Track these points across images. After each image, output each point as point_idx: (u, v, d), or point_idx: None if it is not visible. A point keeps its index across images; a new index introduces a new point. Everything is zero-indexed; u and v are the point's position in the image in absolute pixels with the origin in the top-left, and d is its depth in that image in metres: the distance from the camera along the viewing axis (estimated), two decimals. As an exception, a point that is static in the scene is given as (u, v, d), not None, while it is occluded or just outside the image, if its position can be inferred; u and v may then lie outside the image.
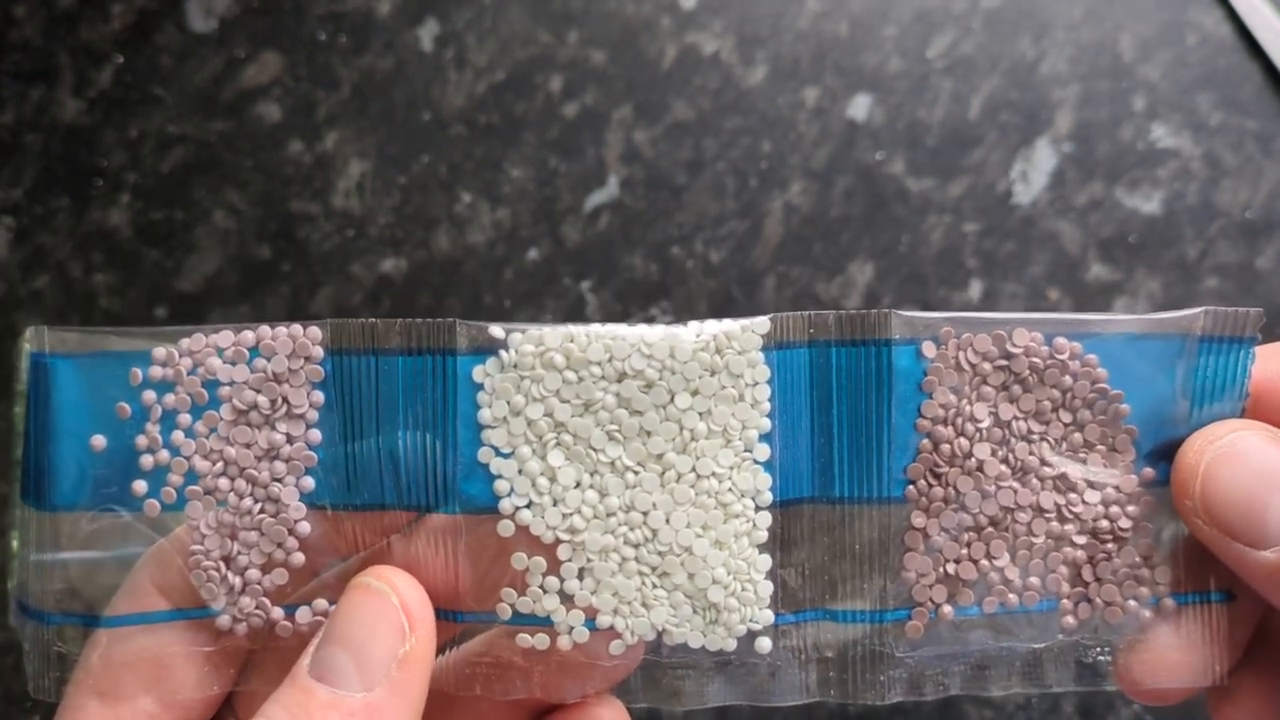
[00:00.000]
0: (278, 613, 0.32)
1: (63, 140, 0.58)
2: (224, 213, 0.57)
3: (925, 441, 0.32)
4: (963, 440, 0.32)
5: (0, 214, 0.58)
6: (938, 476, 0.32)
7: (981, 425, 0.32)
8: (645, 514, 0.31)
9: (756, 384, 0.31)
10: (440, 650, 0.33)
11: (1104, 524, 0.32)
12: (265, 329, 0.32)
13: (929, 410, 0.32)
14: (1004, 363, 0.32)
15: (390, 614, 0.31)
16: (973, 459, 0.32)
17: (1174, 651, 0.33)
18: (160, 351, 0.32)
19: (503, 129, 0.57)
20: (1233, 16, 0.56)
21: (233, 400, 0.32)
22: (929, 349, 0.32)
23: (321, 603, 0.32)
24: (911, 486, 0.32)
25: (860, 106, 0.57)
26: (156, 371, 0.32)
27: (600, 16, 0.58)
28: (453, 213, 0.57)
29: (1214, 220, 0.55)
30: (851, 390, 0.32)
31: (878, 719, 0.53)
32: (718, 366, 0.31)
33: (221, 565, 0.32)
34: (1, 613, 0.45)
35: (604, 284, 0.56)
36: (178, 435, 0.32)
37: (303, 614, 0.32)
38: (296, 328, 0.32)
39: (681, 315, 0.55)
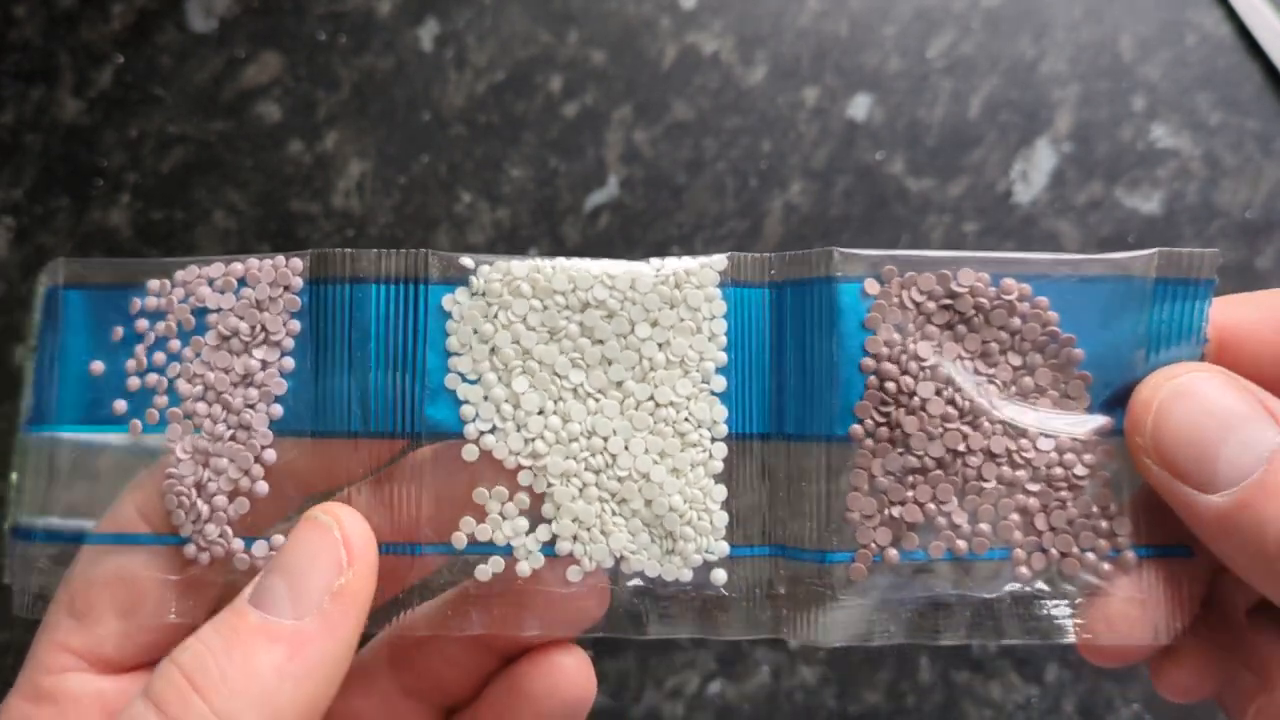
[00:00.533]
0: (237, 544, 0.34)
1: (63, 140, 0.62)
2: (224, 213, 0.60)
3: (871, 379, 0.33)
4: (907, 378, 0.33)
5: (0, 214, 0.61)
6: (884, 416, 0.33)
7: (925, 364, 0.33)
8: (605, 440, 0.34)
9: (713, 318, 0.34)
10: (407, 599, 0.35)
11: (1058, 471, 0.33)
12: (254, 260, 0.35)
13: (872, 347, 0.33)
14: (949, 302, 0.33)
15: (330, 546, 0.32)
16: (916, 398, 0.33)
17: (1134, 606, 0.33)
18: (155, 282, 0.35)
19: (503, 129, 0.60)
20: (1233, 16, 0.58)
21: (218, 326, 0.34)
22: (871, 286, 0.33)
23: (279, 538, 0.34)
24: (857, 425, 0.33)
25: (860, 106, 0.59)
26: (152, 301, 0.35)
27: (600, 16, 0.61)
28: (453, 213, 0.60)
29: (1214, 220, 0.57)
30: (800, 327, 0.34)
31: (879, 718, 0.55)
32: (676, 300, 0.34)
33: (193, 491, 0.34)
34: (1, 612, 0.48)
35: (601, 284, 0.58)
36: (163, 358, 0.34)
37: (259, 547, 0.34)
38: (280, 259, 0.34)
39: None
